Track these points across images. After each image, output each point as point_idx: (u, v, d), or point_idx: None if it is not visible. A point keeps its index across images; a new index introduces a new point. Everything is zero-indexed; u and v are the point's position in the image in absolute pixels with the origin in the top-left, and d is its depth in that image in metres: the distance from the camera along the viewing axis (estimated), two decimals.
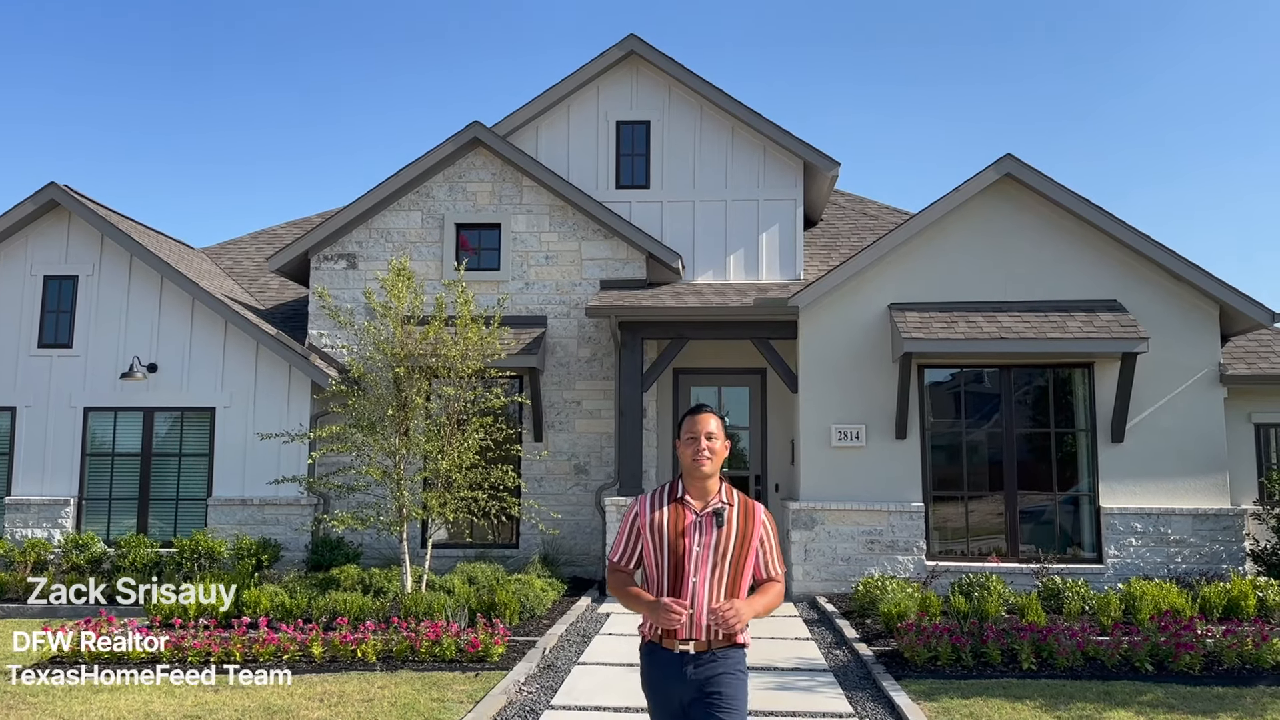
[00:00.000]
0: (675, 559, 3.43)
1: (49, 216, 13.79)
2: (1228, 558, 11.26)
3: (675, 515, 3.49)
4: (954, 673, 7.77)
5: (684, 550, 3.43)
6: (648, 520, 3.53)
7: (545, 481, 13.34)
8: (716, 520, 3.46)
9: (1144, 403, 11.48)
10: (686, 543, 3.44)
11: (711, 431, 3.52)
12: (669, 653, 3.42)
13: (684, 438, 3.56)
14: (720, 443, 3.53)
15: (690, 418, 3.59)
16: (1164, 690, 7.25)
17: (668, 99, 14.59)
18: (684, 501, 3.52)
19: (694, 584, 3.40)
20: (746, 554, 3.48)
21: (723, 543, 3.45)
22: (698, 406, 3.62)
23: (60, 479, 13.35)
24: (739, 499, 3.57)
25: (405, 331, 10.59)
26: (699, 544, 3.44)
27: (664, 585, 3.46)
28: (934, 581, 11.06)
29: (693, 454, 3.51)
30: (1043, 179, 11.70)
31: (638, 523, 3.56)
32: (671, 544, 3.45)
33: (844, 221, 17.14)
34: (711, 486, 3.55)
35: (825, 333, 12.03)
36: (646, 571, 3.55)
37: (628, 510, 3.64)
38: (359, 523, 10.28)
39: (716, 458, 3.52)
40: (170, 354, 13.44)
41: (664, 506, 3.54)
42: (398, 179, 13.83)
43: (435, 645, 8.20)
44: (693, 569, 3.42)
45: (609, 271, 13.77)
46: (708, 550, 3.43)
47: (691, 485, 3.55)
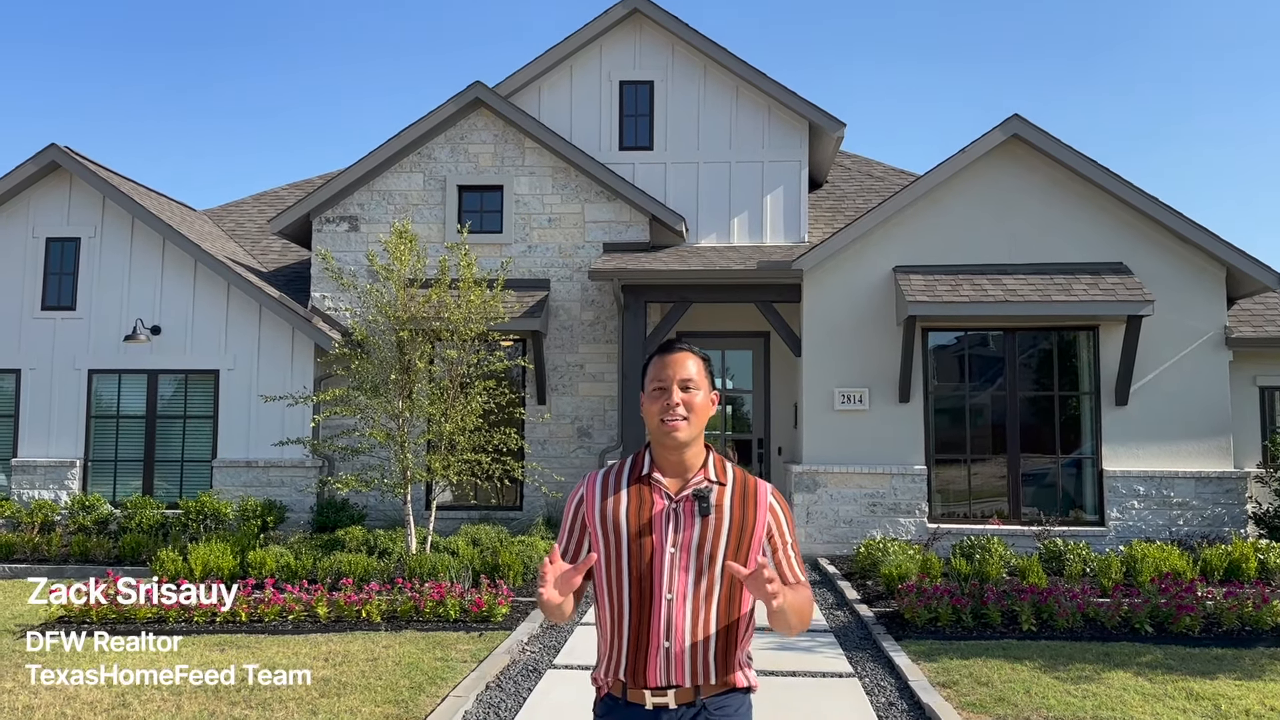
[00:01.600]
0: (639, 566, 2.36)
1: (50, 178, 13.73)
2: (1230, 520, 11.28)
3: (638, 501, 2.43)
4: (954, 634, 7.82)
5: (652, 552, 2.37)
6: (598, 509, 2.46)
7: (548, 444, 13.37)
8: (700, 506, 2.39)
9: (1148, 365, 11.45)
10: (655, 541, 2.37)
11: (689, 379, 2.44)
12: (638, 709, 2.38)
13: (650, 389, 2.47)
14: (703, 395, 2.46)
15: (658, 360, 2.49)
16: (1163, 651, 7.29)
17: (671, 58, 14.43)
18: (652, 481, 2.45)
19: (668, 603, 2.34)
20: (747, 556, 2.40)
21: (710, 540, 2.37)
22: (668, 344, 2.54)
23: (66, 441, 13.40)
24: (735, 475, 2.50)
25: (408, 294, 10.56)
26: (673, 543, 2.37)
27: (623, 606, 2.38)
28: (935, 544, 11.10)
29: (661, 411, 2.42)
30: (1050, 140, 11.58)
31: (582, 511, 2.51)
32: (633, 543, 2.38)
33: (849, 183, 17.01)
34: (692, 458, 2.46)
35: (829, 296, 11.98)
36: (596, 587, 2.46)
37: (572, 494, 2.57)
38: (363, 485, 10.33)
39: (696, 417, 2.43)
40: (173, 316, 13.43)
41: (623, 489, 2.47)
42: (399, 140, 13.72)
43: (439, 606, 8.26)
44: (666, 580, 2.35)
45: (612, 234, 13.70)
46: (686, 551, 2.36)
47: (663, 457, 2.47)
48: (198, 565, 9.42)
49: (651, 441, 2.53)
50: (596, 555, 2.41)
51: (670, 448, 2.44)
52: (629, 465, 2.53)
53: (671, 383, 2.44)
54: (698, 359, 2.51)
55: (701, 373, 2.48)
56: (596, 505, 2.48)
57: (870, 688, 6.49)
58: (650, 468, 2.49)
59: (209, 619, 8.15)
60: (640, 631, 2.37)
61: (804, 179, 14.23)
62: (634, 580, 2.38)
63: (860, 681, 6.62)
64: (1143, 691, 6.22)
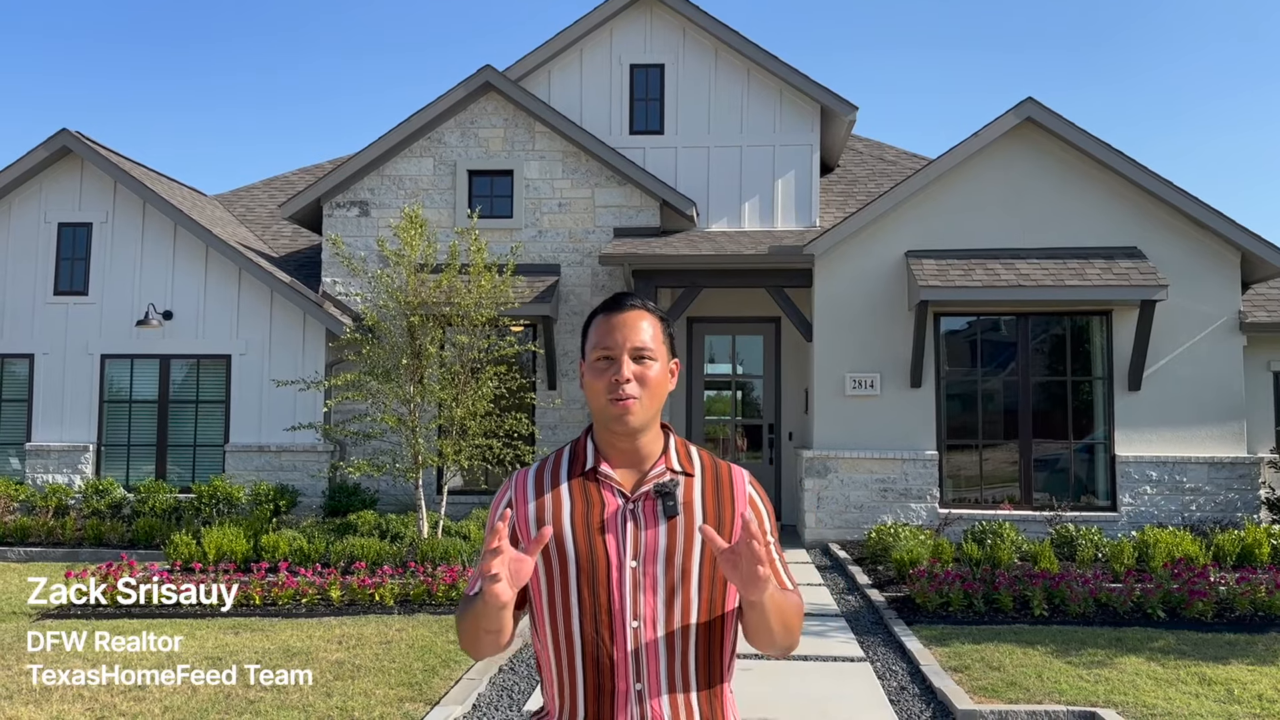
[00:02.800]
0: (591, 587, 1.86)
1: (62, 163, 13.75)
2: (1243, 506, 11.24)
3: (584, 503, 1.91)
4: (966, 618, 7.82)
5: (607, 568, 1.86)
6: (531, 514, 1.92)
7: (559, 429, 13.38)
8: (664, 505, 1.89)
9: (1162, 350, 11.39)
10: (610, 553, 1.87)
11: (643, 346, 1.92)
12: None
13: (592, 358, 1.95)
14: (659, 366, 1.94)
15: (603, 321, 1.96)
16: (1175, 637, 7.29)
17: (682, 41, 14.35)
18: (600, 476, 1.94)
19: (634, 632, 1.85)
20: None
21: (682, 547, 1.87)
22: (616, 299, 1.98)
23: (79, 425, 13.47)
24: (703, 461, 2.00)
25: (419, 279, 10.56)
26: (633, 555, 1.87)
27: (574, 641, 1.86)
28: (947, 529, 11.09)
29: (607, 388, 1.90)
30: (1064, 123, 11.50)
31: (512, 520, 1.94)
32: (581, 558, 1.87)
33: (861, 167, 16.93)
34: (648, 445, 1.95)
35: (841, 281, 11.94)
36: (534, 617, 1.95)
37: (497, 495, 2.02)
38: (375, 469, 10.36)
39: (652, 393, 1.92)
40: (185, 301, 13.47)
41: (562, 486, 1.95)
42: (409, 125, 13.70)
43: (452, 589, 8.30)
44: (629, 603, 1.85)
45: (623, 219, 13.66)
46: (652, 564, 1.86)
47: (610, 446, 1.96)
48: (211, 549, 9.47)
49: (595, 426, 1.99)
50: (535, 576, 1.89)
51: (620, 434, 1.92)
52: (566, 457, 1.99)
53: (621, 350, 1.91)
54: (653, 319, 1.97)
55: (659, 337, 1.96)
56: (530, 512, 1.92)
57: (882, 672, 6.50)
58: (595, 459, 1.95)
59: (223, 602, 8.19)
60: (601, 672, 1.84)
61: (815, 163, 14.16)
62: (586, 606, 1.85)
63: (872, 666, 6.63)
64: (1155, 676, 6.22)
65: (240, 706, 5.55)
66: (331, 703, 5.62)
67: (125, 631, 7.38)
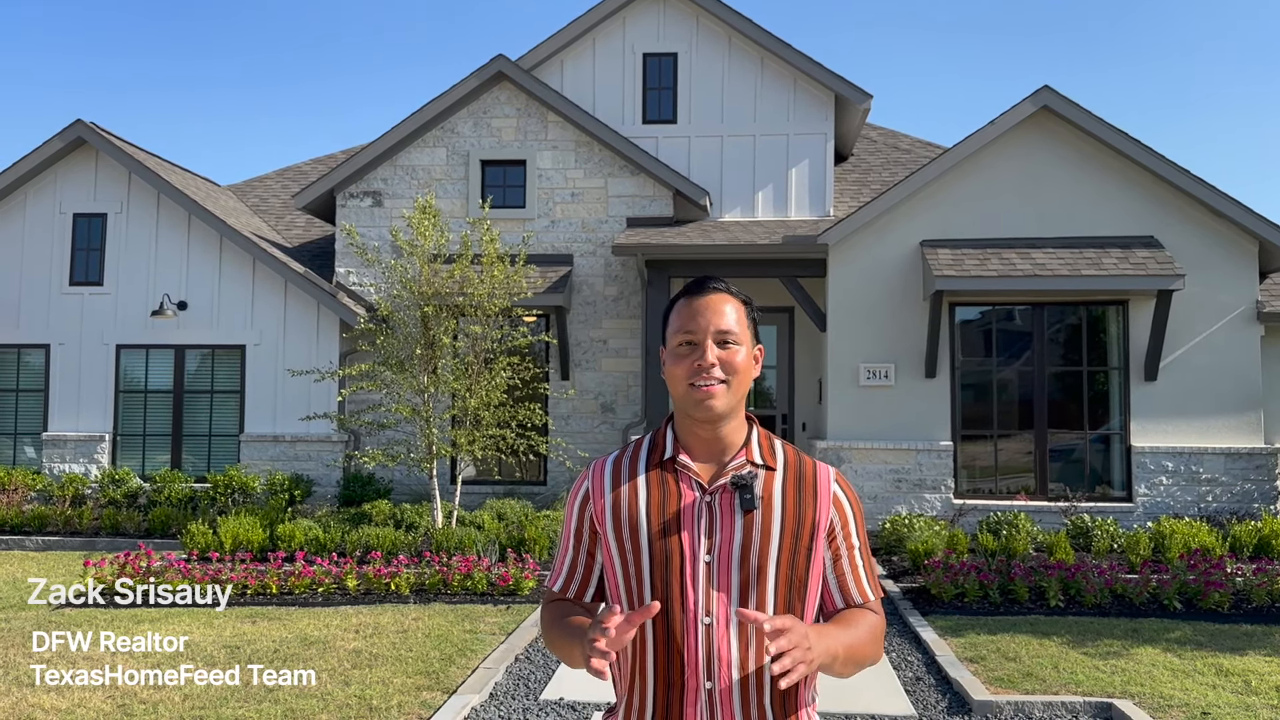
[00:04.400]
0: (664, 580, 1.82)
1: (77, 154, 13.80)
2: (1260, 497, 11.18)
3: (660, 493, 1.87)
4: (981, 609, 7.81)
5: (681, 561, 1.82)
6: (608, 504, 1.90)
7: (572, 419, 13.40)
8: (741, 499, 1.83)
9: (1179, 340, 11.32)
10: (684, 546, 1.82)
11: (728, 330, 1.87)
12: None
13: (673, 344, 1.91)
14: (745, 352, 1.89)
15: (685, 305, 1.92)
16: (1192, 628, 7.26)
17: (695, 29, 14.29)
18: (677, 466, 1.89)
19: (706, 629, 1.79)
20: (808, 561, 1.85)
21: (758, 543, 1.81)
22: (699, 282, 1.93)
23: (95, 415, 13.54)
24: (787, 456, 1.93)
25: (432, 270, 10.57)
26: (707, 549, 1.82)
27: (645, 634, 1.83)
28: (961, 519, 11.07)
29: (690, 374, 1.86)
30: (1080, 111, 11.41)
31: (590, 509, 1.94)
32: (655, 550, 1.83)
33: (875, 156, 16.84)
34: (731, 435, 1.90)
35: (855, 270, 11.89)
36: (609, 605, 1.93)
37: (575, 485, 2.00)
38: (389, 459, 10.39)
39: (738, 380, 1.87)
40: (200, 292, 13.52)
41: (640, 476, 1.90)
42: (421, 115, 13.69)
43: (467, 579, 8.33)
44: (700, 597, 1.80)
45: (635, 209, 13.64)
46: (726, 559, 1.81)
47: (691, 435, 1.91)
48: (227, 538, 9.53)
49: (676, 414, 1.94)
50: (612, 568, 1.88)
51: (702, 421, 1.87)
52: (646, 446, 1.94)
53: (705, 335, 1.86)
54: (737, 303, 1.91)
55: (743, 321, 1.90)
56: (607, 501, 1.89)
57: (897, 663, 6.50)
58: (674, 449, 1.90)
59: (240, 591, 8.24)
60: (671, 668, 1.79)
61: (829, 152, 14.09)
62: (658, 599, 1.81)
63: (887, 656, 6.62)
64: (1172, 667, 6.20)
65: (259, 694, 5.58)
66: (349, 691, 5.65)
67: (144, 620, 7.44)
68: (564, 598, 1.99)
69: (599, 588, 1.96)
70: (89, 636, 6.85)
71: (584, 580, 1.97)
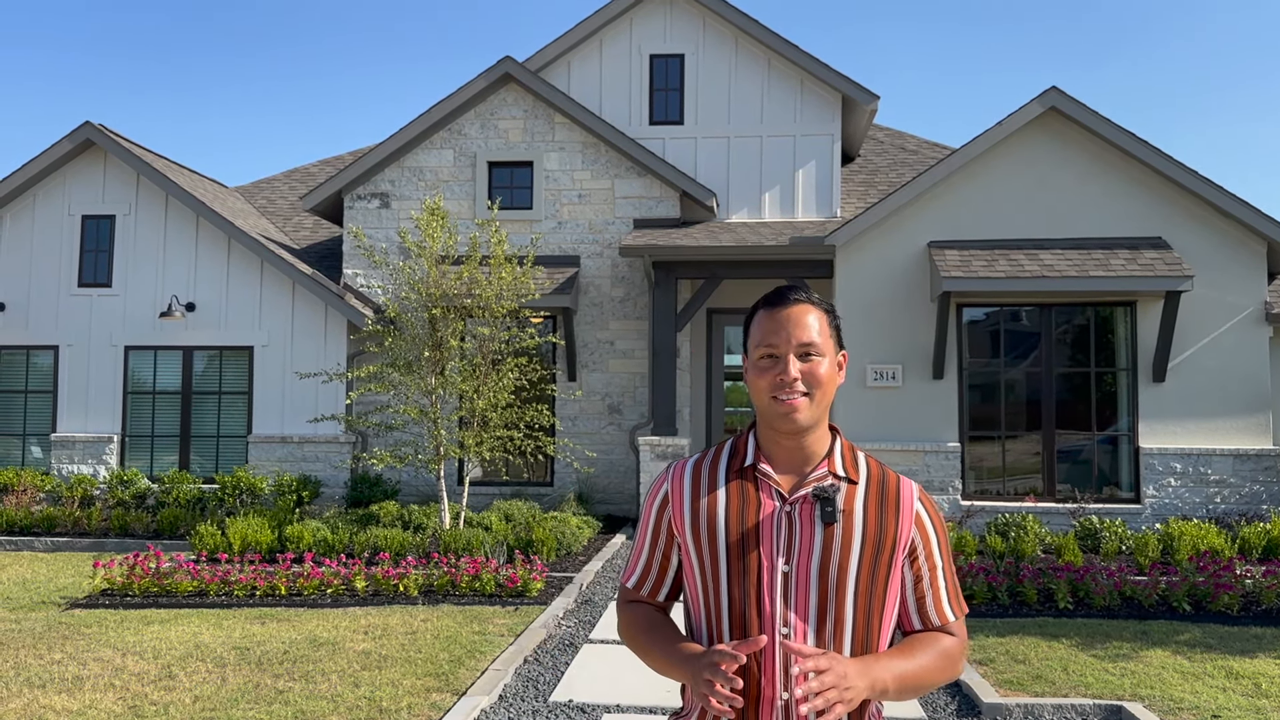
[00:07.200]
0: (741, 590, 1.81)
1: (85, 156, 13.85)
2: (1268, 498, 11.15)
3: (740, 501, 1.86)
4: (990, 611, 7.80)
5: (759, 572, 1.81)
6: (687, 510, 1.89)
7: (579, 421, 13.41)
8: (823, 511, 1.81)
9: (1187, 341, 11.30)
10: (762, 556, 1.81)
11: (810, 343, 1.84)
12: None
13: (755, 355, 1.88)
14: (828, 362, 1.86)
15: (766, 316, 1.88)
16: (1201, 630, 7.24)
17: (702, 30, 14.30)
18: (758, 475, 1.88)
19: (782, 637, 1.78)
20: (887, 578, 1.83)
21: (838, 557, 1.79)
22: (780, 293, 1.90)
23: (103, 416, 13.59)
24: (871, 469, 1.91)
25: (440, 271, 10.60)
26: (786, 560, 1.80)
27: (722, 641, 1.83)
28: (969, 521, 11.06)
29: (772, 387, 1.84)
30: (1088, 112, 11.40)
31: (668, 513, 1.94)
32: (733, 559, 1.82)
33: (882, 157, 16.84)
34: (814, 446, 1.88)
35: (862, 271, 11.89)
36: (691, 611, 1.93)
37: (653, 486, 2.00)
38: (397, 460, 10.42)
39: (822, 392, 1.85)
40: (208, 293, 13.56)
41: (722, 485, 1.88)
42: (429, 116, 13.71)
43: (475, 580, 8.34)
44: (779, 610, 1.79)
45: (642, 210, 13.65)
46: (805, 571, 1.79)
47: (774, 444, 1.89)
48: (236, 539, 9.55)
49: (758, 423, 1.93)
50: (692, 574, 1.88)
51: (786, 433, 1.85)
52: (727, 451, 1.94)
53: (787, 348, 1.83)
54: (820, 312, 1.87)
55: (825, 331, 1.87)
56: (685, 505, 1.89)
57: None
58: (756, 456, 1.89)
59: (249, 593, 8.27)
60: (747, 678, 1.77)
61: (836, 153, 14.09)
62: (736, 608, 1.80)
63: None
64: (1181, 670, 6.19)
65: (269, 696, 5.60)
66: (360, 693, 5.66)
67: (154, 621, 7.46)
68: (639, 596, 2.01)
69: (673, 588, 1.99)
70: (99, 637, 6.87)
71: (658, 581, 1.99)
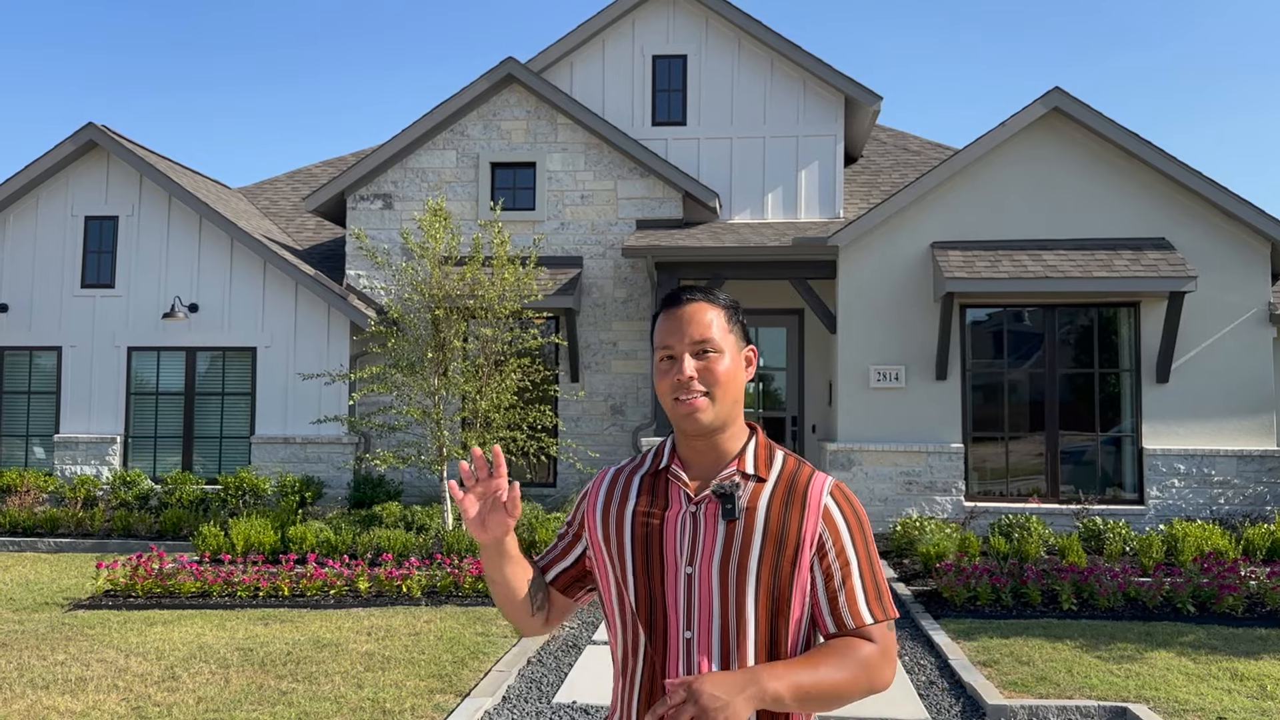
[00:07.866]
0: (647, 591, 1.79)
1: (88, 157, 13.86)
2: (1272, 499, 11.13)
3: (648, 501, 1.84)
4: (993, 613, 7.79)
5: (662, 573, 1.78)
6: (599, 511, 1.90)
7: (582, 421, 13.40)
8: (723, 508, 1.76)
9: (1190, 342, 11.28)
10: (666, 557, 1.78)
11: (706, 340, 1.80)
12: None
13: (657, 359, 1.86)
14: (729, 358, 1.81)
15: (664, 318, 1.86)
16: (1206, 631, 7.23)
17: (705, 31, 14.29)
18: (669, 476, 1.86)
19: (686, 643, 1.75)
20: (792, 576, 1.75)
21: (738, 553, 1.74)
22: (675, 294, 1.87)
23: (106, 417, 13.59)
24: (784, 464, 1.85)
25: (442, 272, 10.60)
26: (689, 560, 1.76)
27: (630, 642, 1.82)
28: (973, 522, 11.05)
29: (672, 387, 1.80)
30: (1091, 113, 11.38)
31: (583, 509, 1.96)
32: (637, 559, 1.81)
33: (885, 158, 16.82)
34: (727, 445, 1.84)
35: (865, 272, 11.88)
36: (605, 611, 1.90)
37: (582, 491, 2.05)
38: (400, 461, 10.41)
39: (723, 389, 1.80)
40: (210, 294, 13.56)
41: (635, 488, 1.88)
42: (431, 117, 13.71)
43: (478, 581, 8.34)
44: (682, 612, 1.76)
45: (645, 211, 13.64)
46: (707, 570, 1.75)
47: (686, 446, 1.87)
48: (239, 540, 9.55)
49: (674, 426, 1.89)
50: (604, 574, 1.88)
51: (692, 434, 1.82)
52: (651, 454, 1.92)
53: (682, 347, 1.80)
54: (718, 309, 1.84)
55: (724, 327, 1.83)
56: (599, 507, 1.89)
57: (910, 666, 6.48)
58: (670, 459, 1.86)
59: (252, 593, 8.26)
60: (655, 679, 1.78)
61: (839, 154, 14.08)
62: (643, 610, 1.78)
63: (900, 660, 6.61)
64: (1186, 671, 6.18)
65: (273, 697, 5.59)
66: (363, 694, 5.66)
67: (157, 622, 7.46)
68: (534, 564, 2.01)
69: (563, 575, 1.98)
70: (102, 638, 6.87)
71: (553, 560, 2.00)
